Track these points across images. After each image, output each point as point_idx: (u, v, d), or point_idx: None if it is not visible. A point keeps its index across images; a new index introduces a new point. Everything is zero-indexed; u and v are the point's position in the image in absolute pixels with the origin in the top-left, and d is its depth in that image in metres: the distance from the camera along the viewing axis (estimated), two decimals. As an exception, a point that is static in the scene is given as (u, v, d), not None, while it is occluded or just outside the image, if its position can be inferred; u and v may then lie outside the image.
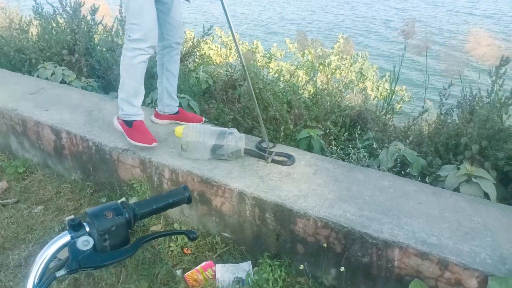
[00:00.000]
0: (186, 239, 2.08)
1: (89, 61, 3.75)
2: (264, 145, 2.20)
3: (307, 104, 3.47)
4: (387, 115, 3.49)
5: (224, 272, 1.90)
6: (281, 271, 1.81)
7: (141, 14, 2.00)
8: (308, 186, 1.90)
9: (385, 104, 3.58)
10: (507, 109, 2.22)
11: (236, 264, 1.93)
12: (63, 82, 3.25)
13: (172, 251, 2.03)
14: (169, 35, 2.30)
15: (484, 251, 1.49)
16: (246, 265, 1.93)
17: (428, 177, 2.02)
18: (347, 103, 3.72)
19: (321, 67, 6.17)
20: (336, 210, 1.73)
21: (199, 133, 2.06)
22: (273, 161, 2.09)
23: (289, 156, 2.11)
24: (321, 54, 6.27)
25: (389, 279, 1.62)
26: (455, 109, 2.86)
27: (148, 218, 2.21)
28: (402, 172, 2.07)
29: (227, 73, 3.98)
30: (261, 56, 6.91)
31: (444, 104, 2.95)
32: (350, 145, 2.37)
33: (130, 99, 2.19)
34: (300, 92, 3.95)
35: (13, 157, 2.84)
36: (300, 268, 1.77)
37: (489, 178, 1.83)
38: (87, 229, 0.69)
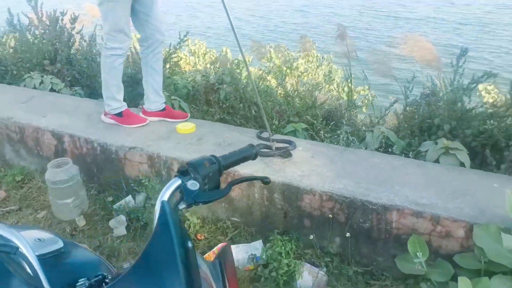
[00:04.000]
0: (197, 227, 2.23)
1: (71, 71, 3.79)
2: (264, 135, 2.40)
3: (281, 104, 3.72)
4: (351, 111, 3.79)
5: (238, 252, 2.07)
6: (291, 244, 2.00)
7: (119, 28, 2.33)
8: (309, 168, 2.11)
9: (348, 103, 3.90)
10: (470, 93, 2.55)
11: (248, 244, 2.11)
12: (52, 90, 3.29)
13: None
14: (152, 34, 2.45)
15: (467, 206, 1.76)
16: (258, 244, 2.11)
17: (410, 152, 2.30)
18: (318, 103, 4.00)
19: (288, 70, 6.47)
20: (338, 185, 1.95)
21: None
22: (277, 148, 2.27)
23: (290, 142, 2.31)
24: (287, 58, 6.57)
25: (388, 240, 1.86)
26: (419, 99, 3.21)
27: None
28: (388, 151, 2.34)
29: (204, 78, 4.17)
30: (230, 62, 7.13)
31: (409, 96, 3.30)
32: (339, 131, 2.62)
33: (114, 95, 2.55)
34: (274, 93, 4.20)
35: (8, 167, 2.85)
36: (310, 238, 1.98)
37: (464, 149, 2.13)
38: (192, 175, 0.86)
